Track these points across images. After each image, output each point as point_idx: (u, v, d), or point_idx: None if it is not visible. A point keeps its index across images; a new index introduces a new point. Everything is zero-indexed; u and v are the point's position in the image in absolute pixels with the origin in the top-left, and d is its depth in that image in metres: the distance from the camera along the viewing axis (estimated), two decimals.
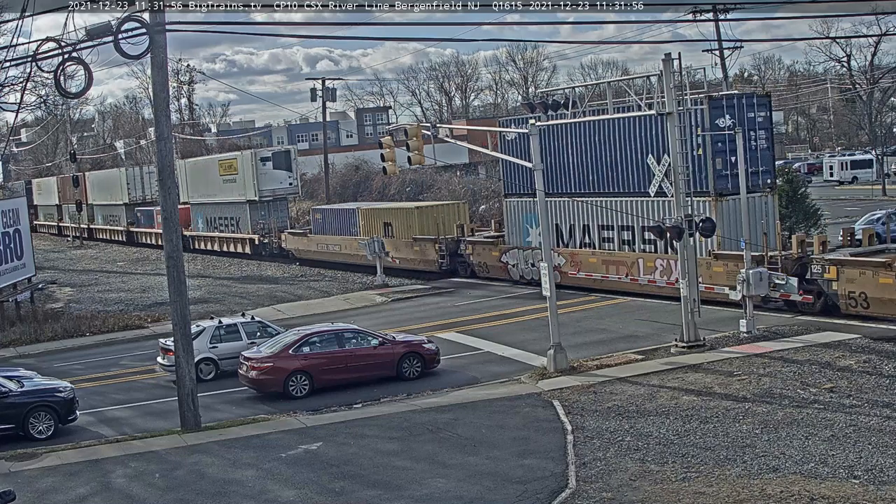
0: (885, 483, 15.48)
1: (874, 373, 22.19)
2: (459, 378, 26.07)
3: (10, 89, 43.42)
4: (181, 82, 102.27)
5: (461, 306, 37.61)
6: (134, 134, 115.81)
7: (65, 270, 61.92)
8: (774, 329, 27.40)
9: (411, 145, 29.21)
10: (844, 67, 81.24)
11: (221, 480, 18.53)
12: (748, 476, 16.31)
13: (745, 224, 30.18)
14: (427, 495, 16.77)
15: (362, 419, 22.32)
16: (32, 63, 23.06)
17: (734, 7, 49.25)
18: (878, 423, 18.52)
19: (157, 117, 23.51)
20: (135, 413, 25.63)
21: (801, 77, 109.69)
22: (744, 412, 19.96)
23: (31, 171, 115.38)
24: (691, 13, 52.87)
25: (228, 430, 22.24)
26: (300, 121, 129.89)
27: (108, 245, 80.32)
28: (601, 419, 20.42)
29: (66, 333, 37.92)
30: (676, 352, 26.08)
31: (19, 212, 43.56)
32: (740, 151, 29.22)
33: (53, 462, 20.70)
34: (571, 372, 24.93)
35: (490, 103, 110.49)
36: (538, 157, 26.30)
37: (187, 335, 23.24)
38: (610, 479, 16.79)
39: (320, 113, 74.84)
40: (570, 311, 33.34)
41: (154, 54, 21.90)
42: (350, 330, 27.13)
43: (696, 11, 52.33)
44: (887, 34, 70.02)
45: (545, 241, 26.36)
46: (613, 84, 30.22)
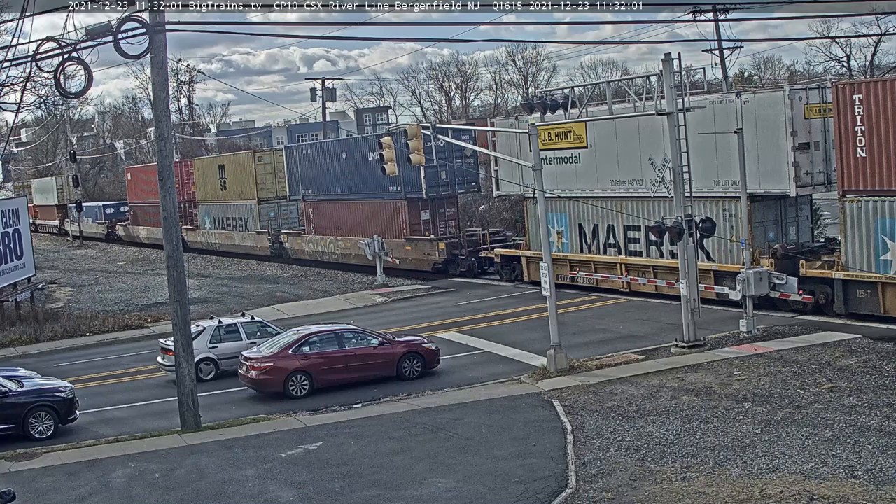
0: (885, 483, 15.47)
1: (874, 373, 22.18)
2: (459, 378, 26.07)
3: (10, 89, 43.39)
4: (181, 82, 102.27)
5: (461, 306, 37.62)
6: (134, 134, 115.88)
7: (65, 270, 61.91)
8: (774, 329, 27.40)
9: (411, 145, 29.19)
10: (844, 67, 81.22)
11: (221, 480, 18.54)
12: (748, 476, 16.31)
13: (745, 224, 30.18)
14: (427, 495, 16.77)
15: (362, 419, 22.33)
16: (32, 63, 23.03)
17: (734, 7, 49.22)
18: (878, 423, 18.52)
19: (157, 117, 23.52)
20: (135, 413, 25.64)
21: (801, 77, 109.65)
22: (744, 412, 19.96)
23: (31, 171, 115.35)
24: (691, 13, 52.88)
25: (228, 430, 22.24)
26: (300, 121, 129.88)
27: (109, 245, 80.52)
28: (601, 419, 20.42)
29: (66, 333, 37.94)
30: (676, 352, 26.09)
31: (19, 212, 43.58)
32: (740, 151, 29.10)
33: (53, 462, 20.70)
34: (571, 372, 24.93)
35: (490, 103, 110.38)
36: (538, 157, 26.33)
37: (187, 335, 23.24)
38: (610, 479, 16.79)
39: (320, 113, 74.90)
40: (570, 310, 33.35)
41: (154, 54, 21.90)
42: (350, 330, 27.15)
43: (696, 11, 52.35)
44: (887, 34, 69.98)
45: (545, 241, 26.36)
46: (613, 84, 30.24)
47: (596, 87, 31.17)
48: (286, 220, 59.08)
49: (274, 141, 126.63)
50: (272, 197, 59.62)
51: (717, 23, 54.22)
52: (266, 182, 59.56)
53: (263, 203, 59.58)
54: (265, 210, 59.66)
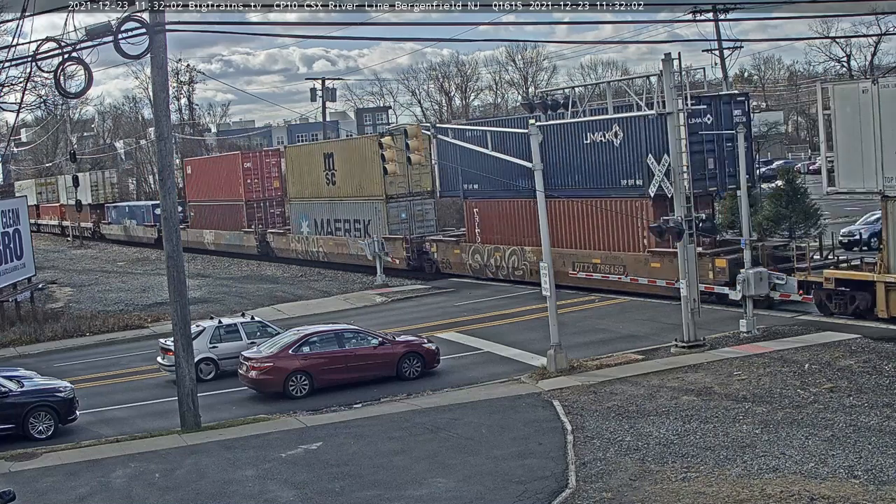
0: (885, 483, 15.47)
1: (874, 373, 22.18)
2: (459, 378, 26.07)
3: (10, 89, 43.43)
4: (181, 82, 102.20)
5: (461, 306, 37.62)
6: (134, 134, 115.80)
7: (65, 270, 61.89)
8: (774, 329, 27.40)
9: (411, 145, 29.21)
10: (844, 67, 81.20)
11: (221, 480, 18.53)
12: (748, 476, 16.31)
13: (745, 223, 30.12)
14: (427, 495, 16.77)
15: (362, 419, 22.32)
16: (32, 63, 23.06)
17: (734, 7, 49.22)
18: (878, 423, 18.51)
19: (157, 117, 23.53)
20: (135, 413, 25.64)
21: (801, 77, 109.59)
22: (744, 412, 19.96)
23: (31, 171, 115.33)
24: (691, 13, 52.88)
25: (228, 430, 22.24)
26: (300, 120, 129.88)
27: (109, 245, 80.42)
28: (601, 419, 20.42)
29: (66, 333, 37.94)
30: (676, 352, 26.09)
31: (19, 212, 43.57)
32: (741, 151, 29.13)
33: (53, 462, 20.70)
34: (571, 372, 24.93)
35: (490, 103, 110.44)
36: (538, 157, 26.31)
37: (187, 335, 23.24)
38: (610, 479, 16.78)
39: (320, 113, 74.89)
40: (570, 311, 33.35)
41: (154, 54, 21.90)
42: (350, 330, 27.15)
43: (696, 11, 52.34)
44: (887, 34, 70.04)
45: (545, 241, 26.36)
46: (613, 84, 30.23)
47: (596, 87, 31.15)
48: (420, 222, 47.72)
49: (274, 141, 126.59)
50: (403, 193, 47.68)
51: (717, 23, 54.22)
52: (396, 174, 45.56)
53: (393, 201, 47.61)
54: (395, 210, 47.70)
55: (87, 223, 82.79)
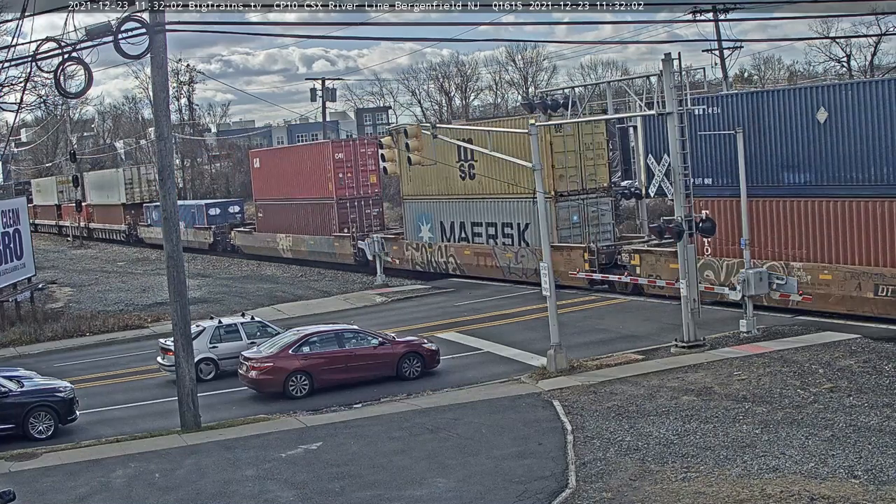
0: (885, 483, 15.47)
1: (874, 373, 22.18)
2: (459, 378, 26.07)
3: (10, 89, 43.46)
4: (181, 82, 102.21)
5: (461, 306, 37.62)
6: (134, 134, 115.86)
7: (65, 270, 61.89)
8: (774, 329, 27.41)
9: (411, 145, 29.20)
10: (844, 67, 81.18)
11: (221, 480, 18.53)
12: (748, 476, 16.31)
13: (746, 223, 30.12)
14: (427, 495, 16.77)
15: (362, 419, 22.33)
16: (32, 63, 23.04)
17: (734, 7, 49.24)
18: (878, 423, 18.51)
19: (157, 117, 23.52)
20: (135, 413, 25.63)
21: (801, 77, 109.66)
22: (744, 412, 19.96)
23: (31, 171, 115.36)
24: (691, 13, 52.90)
25: (228, 430, 22.24)
26: (300, 120, 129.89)
27: (109, 245, 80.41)
28: (601, 419, 20.42)
29: (66, 333, 37.95)
30: (676, 352, 26.09)
31: (19, 212, 43.58)
32: (741, 152, 29.12)
33: (53, 462, 20.70)
34: (571, 372, 24.93)
35: (490, 103, 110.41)
36: (538, 157, 26.32)
37: (187, 335, 23.24)
38: (610, 479, 16.78)
39: (320, 113, 74.91)
40: (570, 311, 33.35)
41: (154, 54, 21.90)
42: (350, 330, 27.16)
43: (696, 11, 52.37)
44: (887, 34, 69.97)
45: (544, 241, 26.37)
46: (613, 84, 30.24)
47: (596, 87, 31.16)
48: (595, 226, 39.12)
49: (274, 141, 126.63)
50: (576, 190, 39.01)
51: (717, 23, 54.27)
52: (567, 165, 38.66)
53: (563, 199, 38.65)
54: (564, 211, 38.73)
55: (119, 225, 74.81)
